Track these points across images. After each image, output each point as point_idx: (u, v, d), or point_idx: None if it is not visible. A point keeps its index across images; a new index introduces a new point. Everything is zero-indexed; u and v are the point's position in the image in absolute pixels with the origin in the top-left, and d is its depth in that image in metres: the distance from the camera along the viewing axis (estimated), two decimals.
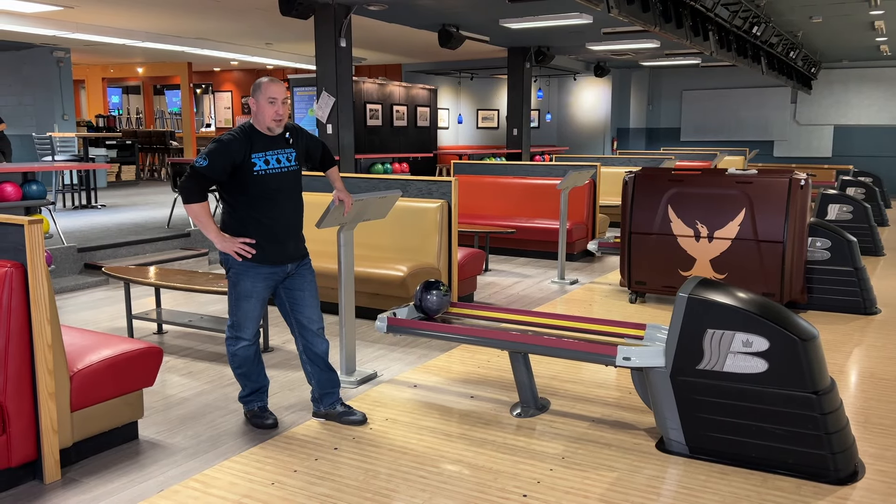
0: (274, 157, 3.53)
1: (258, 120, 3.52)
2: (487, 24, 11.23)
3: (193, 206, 3.43)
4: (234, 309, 3.63)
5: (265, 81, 3.51)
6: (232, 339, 3.67)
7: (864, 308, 6.03)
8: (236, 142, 3.46)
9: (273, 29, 12.27)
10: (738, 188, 5.79)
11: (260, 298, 3.61)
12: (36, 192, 6.90)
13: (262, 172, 3.48)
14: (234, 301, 3.62)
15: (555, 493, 3.05)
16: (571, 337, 3.83)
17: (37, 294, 3.00)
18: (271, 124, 3.50)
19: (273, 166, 3.52)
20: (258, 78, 3.61)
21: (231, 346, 3.67)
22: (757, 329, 3.17)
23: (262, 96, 3.47)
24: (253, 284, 3.57)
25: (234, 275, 3.58)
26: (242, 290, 3.58)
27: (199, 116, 21.39)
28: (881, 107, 17.00)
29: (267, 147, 3.52)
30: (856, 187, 11.23)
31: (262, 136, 3.53)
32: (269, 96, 3.47)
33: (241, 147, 3.45)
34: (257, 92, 3.49)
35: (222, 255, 3.59)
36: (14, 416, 2.99)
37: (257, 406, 3.77)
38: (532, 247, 8.63)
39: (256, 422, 3.73)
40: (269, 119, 3.49)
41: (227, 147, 3.44)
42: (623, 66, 18.36)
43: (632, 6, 6.52)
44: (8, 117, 13.49)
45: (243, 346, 3.65)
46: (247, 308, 3.60)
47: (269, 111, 3.48)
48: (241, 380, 3.75)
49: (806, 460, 3.14)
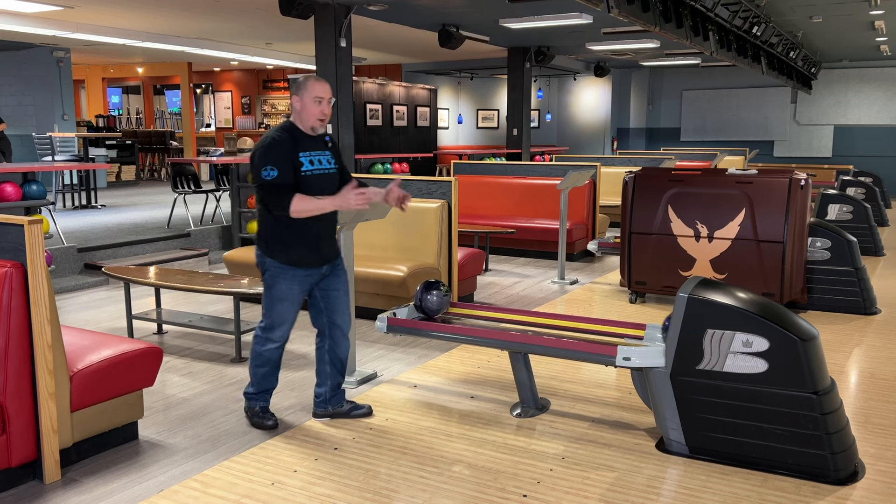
0: (317, 157, 3.49)
1: (301, 119, 3.46)
2: (487, 24, 11.23)
3: (294, 208, 3.33)
4: (268, 311, 3.58)
5: (311, 80, 3.44)
6: (261, 339, 3.63)
7: (864, 308, 6.03)
8: (286, 142, 3.40)
9: (273, 29, 12.27)
10: (738, 188, 5.79)
11: (295, 301, 3.57)
12: (36, 192, 6.90)
13: (308, 173, 3.43)
14: (269, 303, 3.57)
15: (555, 493, 3.05)
16: (571, 337, 3.83)
17: (37, 294, 3.00)
18: (315, 124, 3.46)
19: (317, 167, 3.48)
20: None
21: (259, 345, 3.64)
22: (757, 329, 3.17)
23: (307, 95, 3.41)
24: (289, 287, 3.53)
25: (269, 277, 3.54)
26: (277, 293, 3.53)
27: (199, 116, 21.38)
28: (881, 107, 17.00)
29: (310, 147, 3.48)
30: (856, 187, 11.22)
31: (305, 136, 3.48)
32: (316, 95, 3.41)
33: (291, 146, 3.40)
34: (302, 90, 3.42)
35: (259, 257, 3.55)
36: (14, 416, 2.99)
37: (259, 406, 3.76)
38: (532, 247, 8.63)
39: (256, 421, 3.72)
40: (313, 118, 3.44)
41: (283, 148, 3.37)
42: (623, 66, 18.36)
43: (632, 6, 6.51)
44: (8, 117, 13.49)
45: (272, 349, 3.63)
46: (281, 310, 3.56)
47: (315, 110, 3.43)
48: (255, 377, 3.71)
49: (806, 460, 3.14)
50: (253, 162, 3.42)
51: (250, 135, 19.58)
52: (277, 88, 20.33)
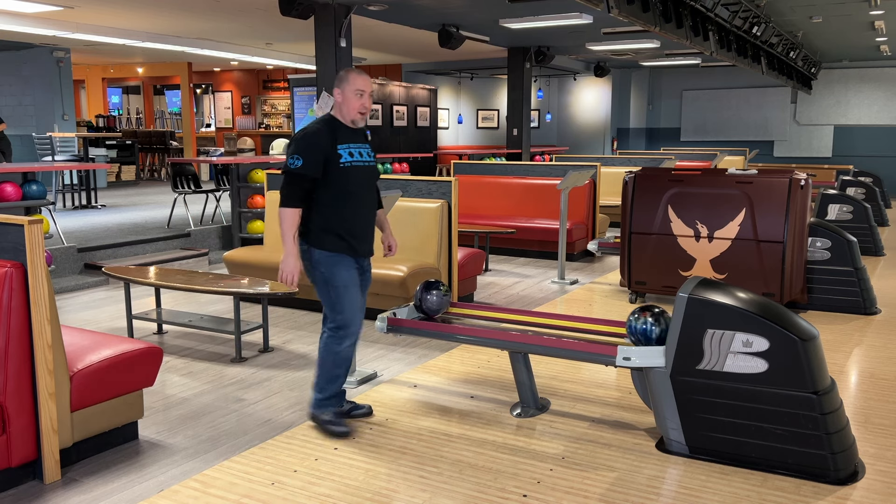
0: (357, 150, 3.48)
1: (343, 111, 3.46)
2: (487, 24, 11.23)
3: (287, 212, 3.34)
4: (337, 306, 3.49)
5: (353, 73, 3.44)
6: (336, 340, 3.52)
7: (864, 308, 6.03)
8: (322, 134, 3.39)
9: (273, 29, 12.27)
10: (738, 188, 5.79)
11: (357, 286, 3.52)
12: (36, 192, 6.90)
13: (347, 165, 3.42)
14: (335, 297, 3.48)
15: (555, 493, 3.05)
16: (571, 337, 3.83)
17: (37, 294, 3.00)
18: (356, 117, 3.46)
19: (357, 159, 3.47)
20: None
21: (335, 345, 3.53)
22: (757, 329, 3.17)
23: (349, 87, 3.41)
24: (348, 273, 3.48)
25: (325, 270, 3.46)
26: (340, 281, 3.46)
27: (199, 116, 21.38)
28: (881, 107, 17.00)
29: (350, 139, 3.47)
30: (856, 187, 11.22)
31: (345, 128, 3.47)
32: (358, 88, 3.41)
33: (327, 139, 3.39)
34: (343, 83, 3.42)
35: (303, 254, 3.50)
36: (14, 416, 2.99)
37: (333, 411, 3.65)
38: (532, 247, 8.63)
39: (331, 429, 3.59)
40: (354, 111, 3.44)
41: (316, 140, 3.37)
42: (623, 66, 18.36)
43: (632, 6, 6.51)
44: (8, 117, 13.49)
45: (349, 345, 3.56)
46: (349, 299, 3.48)
47: (356, 103, 3.43)
48: (330, 382, 3.58)
49: (806, 460, 3.14)
50: (287, 149, 3.42)
51: (250, 135, 19.58)
52: (277, 88, 20.33)
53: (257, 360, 4.83)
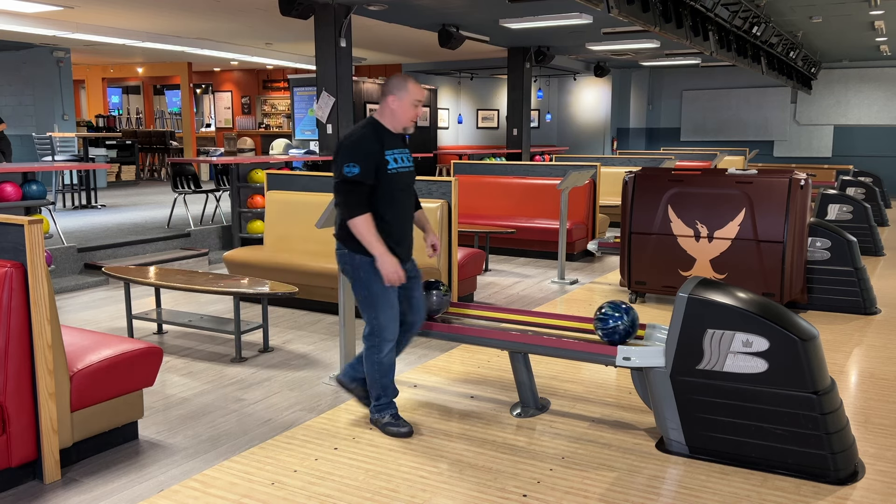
0: (399, 155, 3.50)
1: (395, 118, 3.46)
2: (487, 24, 11.23)
3: (359, 220, 3.32)
4: (375, 311, 3.47)
5: (412, 82, 3.45)
6: (375, 348, 3.52)
7: (864, 308, 6.03)
8: (372, 140, 3.39)
9: (273, 29, 12.27)
10: (738, 188, 5.79)
11: (395, 292, 3.52)
12: (36, 192, 6.90)
13: (393, 171, 3.43)
14: (372, 302, 3.47)
15: (555, 493, 3.05)
16: (571, 337, 3.83)
17: (37, 294, 3.00)
18: (409, 125, 3.48)
19: (400, 165, 3.48)
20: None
21: (375, 354, 3.53)
22: (757, 329, 3.17)
23: (408, 97, 3.42)
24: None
25: (366, 274, 3.44)
26: (377, 288, 3.44)
27: (199, 116, 21.38)
28: (881, 107, 16.99)
29: (394, 145, 3.48)
30: (856, 187, 11.23)
31: (390, 134, 3.48)
32: (417, 98, 3.44)
33: (377, 145, 3.39)
34: (402, 91, 3.42)
35: (344, 258, 3.49)
36: (14, 416, 2.99)
37: (390, 414, 3.64)
38: (532, 247, 8.63)
39: (392, 430, 3.59)
40: (408, 120, 3.47)
41: (370, 146, 3.37)
42: (623, 66, 18.36)
43: (632, 6, 6.51)
44: (8, 117, 13.49)
45: (389, 351, 3.55)
46: (387, 305, 3.47)
47: (412, 113, 3.46)
48: (380, 388, 3.59)
49: (806, 460, 3.14)
50: (337, 156, 3.39)
51: (250, 135, 19.57)
52: (277, 88, 20.33)
53: (257, 360, 4.83)
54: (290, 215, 6.35)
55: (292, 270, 5.86)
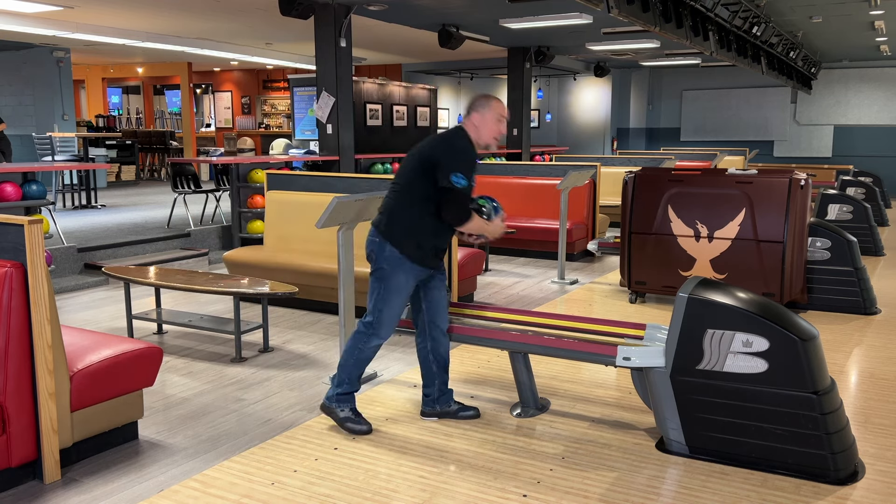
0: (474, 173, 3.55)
1: (480, 133, 3.50)
2: (487, 24, 11.23)
3: (467, 226, 3.45)
4: (380, 304, 3.51)
5: (494, 100, 3.51)
6: (365, 336, 3.55)
7: (864, 308, 6.03)
8: (474, 154, 3.46)
9: (273, 29, 12.27)
10: (738, 188, 5.79)
11: (408, 295, 3.55)
12: (36, 192, 6.90)
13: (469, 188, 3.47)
14: (382, 296, 3.50)
15: (555, 493, 3.05)
16: (571, 337, 3.83)
17: (37, 294, 3.00)
18: (492, 142, 3.52)
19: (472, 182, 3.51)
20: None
21: (362, 342, 3.56)
22: (757, 329, 3.17)
23: (491, 113, 3.46)
24: (406, 279, 3.50)
25: (388, 267, 3.48)
26: (395, 284, 3.48)
27: (199, 116, 21.38)
28: (881, 107, 17.00)
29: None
30: (856, 187, 11.22)
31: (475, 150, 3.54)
32: (501, 114, 3.49)
33: (475, 159, 3.47)
34: (485, 108, 3.47)
35: (374, 244, 3.52)
36: (14, 416, 2.99)
37: (350, 408, 3.65)
38: (532, 247, 8.63)
39: (351, 427, 3.61)
40: (492, 136, 3.50)
41: (472, 159, 3.44)
42: (623, 66, 18.36)
43: (632, 6, 6.51)
44: (8, 117, 13.49)
45: (374, 347, 3.58)
46: (394, 304, 3.50)
47: (496, 129, 3.50)
48: (349, 377, 3.61)
49: (806, 460, 3.14)
50: (441, 162, 3.40)
51: (250, 135, 19.57)
52: (277, 88, 20.33)
53: (257, 360, 4.83)
54: (290, 215, 6.35)
55: (292, 270, 5.86)
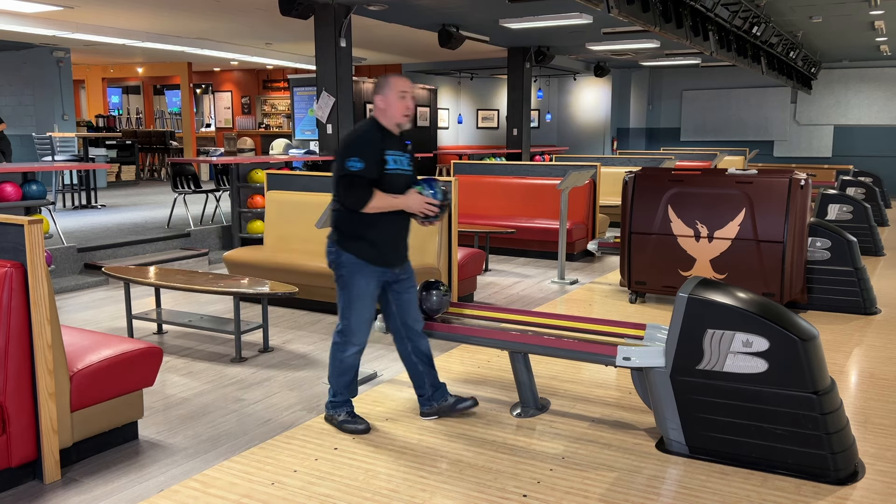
0: (398, 157, 3.49)
1: (387, 116, 3.45)
2: (487, 24, 11.23)
3: (371, 203, 3.36)
4: (346, 311, 3.51)
5: (393, 76, 3.45)
6: (341, 346, 3.55)
7: (864, 308, 6.03)
8: (376, 137, 3.40)
9: (273, 29, 12.27)
10: (738, 188, 5.79)
11: (373, 299, 3.53)
12: (36, 192, 6.90)
13: (392, 171, 3.43)
14: (346, 303, 3.50)
15: (555, 493, 3.05)
16: (571, 337, 3.83)
17: (37, 294, 3.00)
18: (402, 120, 3.46)
19: (398, 167, 3.48)
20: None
21: (339, 352, 3.56)
22: (757, 329, 3.17)
23: (391, 91, 3.41)
24: (367, 283, 3.48)
25: (346, 274, 3.48)
26: (356, 290, 3.47)
27: (199, 116, 21.38)
28: (881, 107, 16.99)
29: (393, 146, 3.48)
30: (856, 187, 11.22)
31: (389, 135, 3.48)
32: (401, 90, 3.41)
33: (379, 142, 3.40)
34: (385, 87, 3.42)
35: (332, 255, 3.51)
36: (14, 416, 2.99)
37: (346, 411, 3.67)
38: (532, 247, 8.63)
39: (349, 428, 3.63)
40: (400, 114, 3.44)
41: (372, 141, 3.38)
42: (623, 66, 18.36)
43: (632, 6, 6.51)
44: (8, 117, 13.48)
45: (353, 354, 3.57)
46: (360, 308, 3.49)
47: (401, 106, 3.43)
48: (339, 386, 3.63)
49: (806, 460, 3.14)
50: (339, 153, 3.39)
51: (250, 135, 19.57)
52: (277, 88, 20.32)
53: (257, 360, 4.83)
54: (290, 215, 6.35)
55: (292, 270, 5.86)
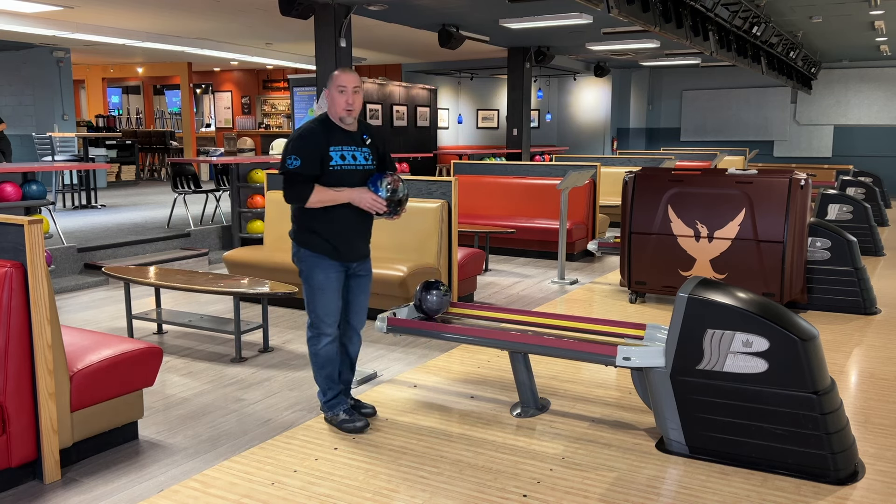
0: (350, 153, 3.49)
1: (331, 111, 3.49)
2: (487, 24, 11.23)
3: (311, 200, 3.39)
4: (311, 304, 3.55)
5: (337, 71, 3.49)
6: (314, 339, 3.58)
7: (864, 308, 6.03)
8: (317, 133, 3.43)
9: (273, 29, 12.27)
10: (738, 188, 5.79)
11: (335, 290, 3.55)
12: (36, 192, 6.90)
13: (337, 168, 3.44)
14: (310, 296, 3.55)
15: (555, 493, 3.05)
16: (571, 337, 3.83)
17: (37, 294, 3.00)
18: (343, 114, 3.46)
19: (349, 162, 3.48)
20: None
21: (313, 345, 3.59)
22: (757, 329, 3.17)
23: (332, 86, 3.45)
24: (325, 276, 3.51)
25: (306, 268, 3.53)
26: (317, 283, 3.52)
27: (199, 116, 21.38)
28: (881, 107, 16.99)
29: (343, 142, 3.48)
30: (856, 187, 11.22)
31: (339, 130, 3.49)
32: (339, 85, 3.43)
33: (322, 139, 3.42)
34: (329, 82, 3.47)
35: (294, 248, 3.56)
36: (14, 416, 2.99)
37: (342, 410, 3.67)
38: (532, 247, 8.63)
39: (347, 427, 3.62)
40: (340, 108, 3.46)
41: (311, 138, 3.41)
42: (623, 66, 18.36)
43: (632, 6, 6.51)
44: (8, 117, 13.48)
45: (326, 344, 3.58)
46: (323, 301, 3.53)
47: (340, 100, 3.45)
48: (325, 382, 3.64)
49: (806, 460, 3.14)
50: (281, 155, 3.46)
51: (250, 135, 19.57)
52: (277, 88, 20.32)
53: (257, 360, 4.83)
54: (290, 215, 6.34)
55: (292, 270, 5.83)
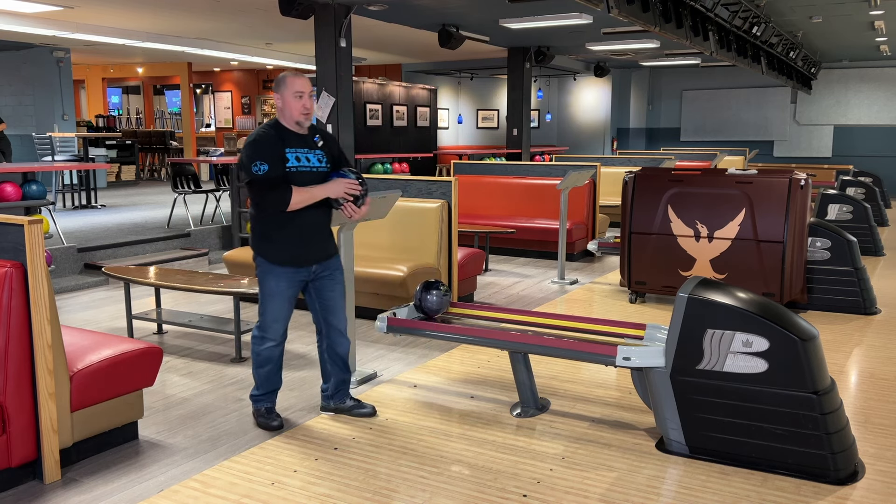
0: (304, 155, 3.49)
1: (285, 115, 3.48)
2: (487, 24, 11.23)
3: (293, 201, 3.38)
4: (261, 308, 3.60)
5: (289, 76, 3.47)
6: (258, 339, 3.64)
7: (864, 308, 6.03)
8: (271, 137, 3.43)
9: (273, 29, 12.27)
10: (738, 188, 5.79)
11: (285, 298, 3.57)
12: (36, 192, 6.90)
13: (292, 170, 3.43)
14: (261, 300, 3.60)
15: (555, 493, 3.05)
16: (571, 337, 3.83)
17: (37, 294, 3.00)
18: (300, 118, 3.47)
19: (304, 164, 3.48)
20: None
21: (256, 345, 3.65)
22: (757, 329, 3.17)
23: (287, 91, 3.43)
24: (276, 283, 3.54)
25: (259, 274, 3.58)
26: (267, 290, 3.56)
27: (199, 116, 21.38)
28: (881, 107, 16.99)
29: (297, 145, 3.48)
30: (856, 187, 11.22)
31: (292, 134, 3.49)
32: (296, 90, 3.43)
33: (278, 141, 3.42)
34: (282, 87, 3.44)
35: (253, 255, 3.58)
36: (14, 416, 2.99)
37: (265, 407, 3.75)
38: (532, 247, 8.63)
39: (262, 422, 3.72)
40: (297, 113, 3.45)
41: (269, 142, 3.40)
42: (623, 66, 18.36)
43: (632, 6, 6.51)
44: (8, 117, 13.48)
45: (269, 347, 3.63)
46: (272, 308, 3.57)
47: (297, 105, 3.44)
48: (258, 379, 3.71)
49: (806, 460, 3.14)
50: (241, 161, 3.44)
51: None
52: None
53: None
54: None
55: None
